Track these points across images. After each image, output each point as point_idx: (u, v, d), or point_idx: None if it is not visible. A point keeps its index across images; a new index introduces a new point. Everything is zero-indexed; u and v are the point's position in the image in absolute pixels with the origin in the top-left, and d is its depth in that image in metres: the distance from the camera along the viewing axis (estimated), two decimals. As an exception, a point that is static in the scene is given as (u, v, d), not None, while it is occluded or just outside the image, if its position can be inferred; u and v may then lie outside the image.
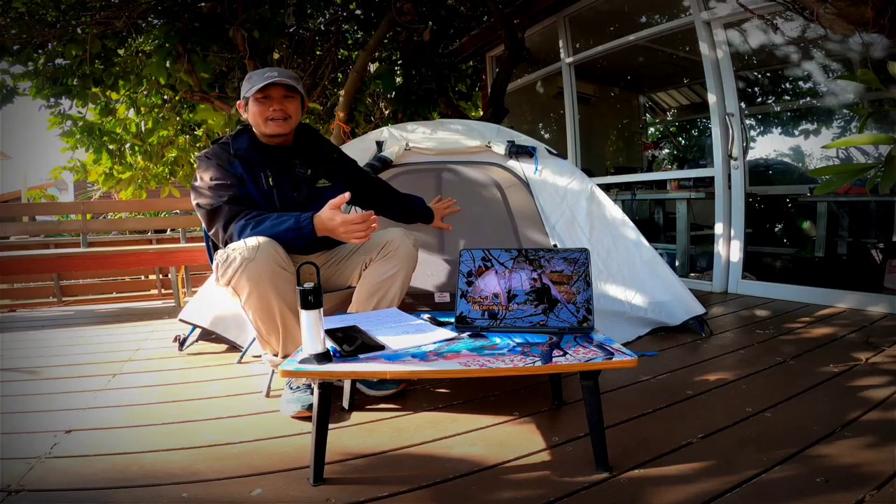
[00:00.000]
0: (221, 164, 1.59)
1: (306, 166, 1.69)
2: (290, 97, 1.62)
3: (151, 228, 5.79)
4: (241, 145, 1.63)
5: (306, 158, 1.70)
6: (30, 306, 4.61)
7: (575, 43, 4.46)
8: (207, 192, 1.55)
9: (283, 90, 1.60)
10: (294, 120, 1.64)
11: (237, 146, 1.63)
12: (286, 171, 1.65)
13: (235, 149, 1.62)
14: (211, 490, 1.11)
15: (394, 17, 3.99)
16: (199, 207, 1.56)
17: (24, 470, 1.20)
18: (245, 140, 1.65)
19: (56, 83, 4.20)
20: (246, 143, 1.64)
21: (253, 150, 1.63)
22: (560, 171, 2.50)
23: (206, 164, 1.60)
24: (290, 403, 1.50)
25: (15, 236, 5.00)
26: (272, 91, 1.59)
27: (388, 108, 5.28)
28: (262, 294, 1.44)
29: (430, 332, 1.31)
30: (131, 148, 5.53)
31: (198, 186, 1.58)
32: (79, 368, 2.08)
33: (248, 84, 1.62)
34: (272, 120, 1.60)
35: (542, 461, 1.22)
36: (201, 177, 1.59)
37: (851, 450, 1.19)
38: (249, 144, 1.64)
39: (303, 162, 1.69)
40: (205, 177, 1.58)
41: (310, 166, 1.69)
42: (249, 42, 3.78)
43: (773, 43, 3.53)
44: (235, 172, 1.59)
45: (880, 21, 1.81)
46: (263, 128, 1.61)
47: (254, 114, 1.61)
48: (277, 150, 1.66)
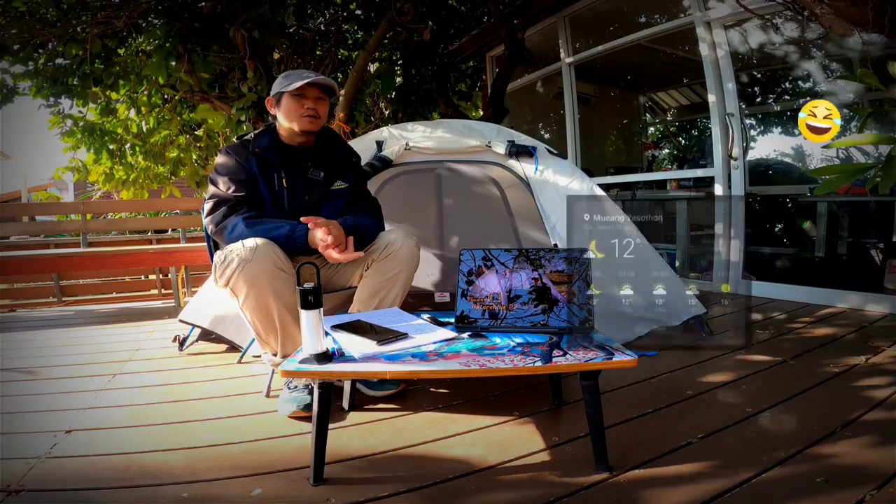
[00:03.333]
0: (239, 161, 1.64)
1: (320, 169, 1.71)
2: (322, 99, 1.68)
3: (151, 228, 5.79)
4: (261, 144, 1.68)
5: (322, 161, 1.73)
6: (30, 306, 4.61)
7: (575, 43, 4.45)
8: (219, 182, 1.62)
9: (318, 91, 1.66)
10: (322, 121, 1.70)
11: (257, 144, 1.68)
12: (301, 173, 1.69)
13: (255, 146, 1.67)
14: (211, 490, 1.11)
15: (394, 17, 3.99)
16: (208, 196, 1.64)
17: (24, 470, 1.20)
18: (266, 139, 1.69)
19: (56, 83, 4.20)
20: (267, 142, 1.68)
21: (272, 150, 1.67)
22: (561, 171, 2.50)
23: (224, 158, 1.67)
24: (287, 403, 1.50)
25: (15, 236, 4.99)
26: (308, 90, 1.64)
27: (388, 108, 5.27)
28: (259, 295, 1.45)
29: (430, 332, 1.31)
30: (132, 148, 5.53)
31: (212, 177, 1.66)
32: (79, 368, 2.08)
33: (284, 80, 1.67)
34: (306, 116, 1.64)
35: (542, 461, 1.22)
36: (217, 168, 1.66)
37: (851, 450, 1.19)
38: (270, 143, 1.68)
39: (317, 165, 1.71)
40: (220, 168, 1.65)
41: (324, 169, 1.72)
42: (249, 42, 3.78)
43: (772, 43, 3.53)
44: (251, 170, 1.64)
45: (880, 21, 1.81)
46: (296, 123, 1.65)
47: (287, 109, 1.65)
48: (296, 151, 1.70)
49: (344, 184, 1.75)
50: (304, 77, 1.63)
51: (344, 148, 1.83)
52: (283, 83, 1.66)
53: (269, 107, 1.71)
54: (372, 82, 4.89)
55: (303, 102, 1.64)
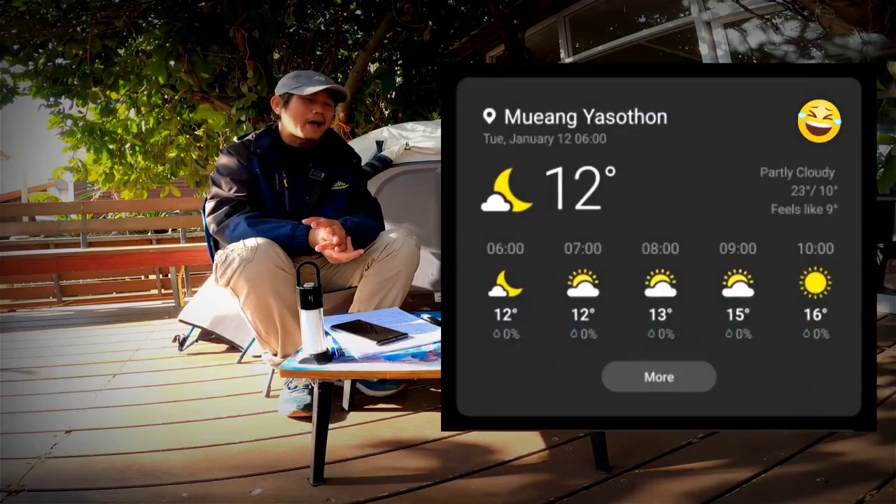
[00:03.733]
0: (240, 161, 1.64)
1: (321, 170, 1.71)
2: (328, 105, 1.67)
3: (151, 228, 5.80)
4: (262, 144, 1.68)
5: (323, 162, 1.73)
6: (30, 306, 4.61)
7: (575, 43, 4.46)
8: (221, 182, 1.62)
9: (327, 97, 1.65)
10: (326, 126, 1.70)
11: (259, 144, 1.67)
12: (302, 173, 1.69)
13: (256, 146, 1.67)
14: (211, 490, 1.11)
15: (394, 17, 3.99)
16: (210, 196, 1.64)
17: (24, 470, 1.20)
18: (268, 139, 1.69)
19: (56, 83, 4.20)
20: (268, 142, 1.68)
21: (273, 150, 1.67)
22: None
23: (226, 158, 1.67)
24: (287, 403, 1.50)
25: (15, 236, 5.00)
26: (318, 95, 1.63)
27: (388, 108, 5.27)
28: (260, 295, 1.45)
29: (430, 331, 1.31)
30: (132, 148, 5.53)
31: (214, 177, 1.67)
32: (79, 368, 2.08)
33: (293, 81, 1.65)
34: (311, 122, 1.63)
35: (542, 461, 1.22)
36: (219, 168, 1.66)
37: (851, 449, 1.19)
38: (271, 144, 1.68)
39: (318, 165, 1.71)
40: (223, 169, 1.65)
41: (325, 170, 1.72)
42: (249, 42, 3.78)
43: (772, 43, 3.53)
44: (252, 170, 1.64)
45: (880, 21, 1.81)
46: (300, 128, 1.64)
47: (295, 112, 1.64)
48: (297, 151, 1.69)
49: (344, 184, 1.75)
50: (317, 82, 1.63)
51: (344, 148, 1.83)
52: (292, 84, 1.64)
53: (275, 105, 1.68)
54: (372, 82, 4.89)
55: (311, 107, 1.63)
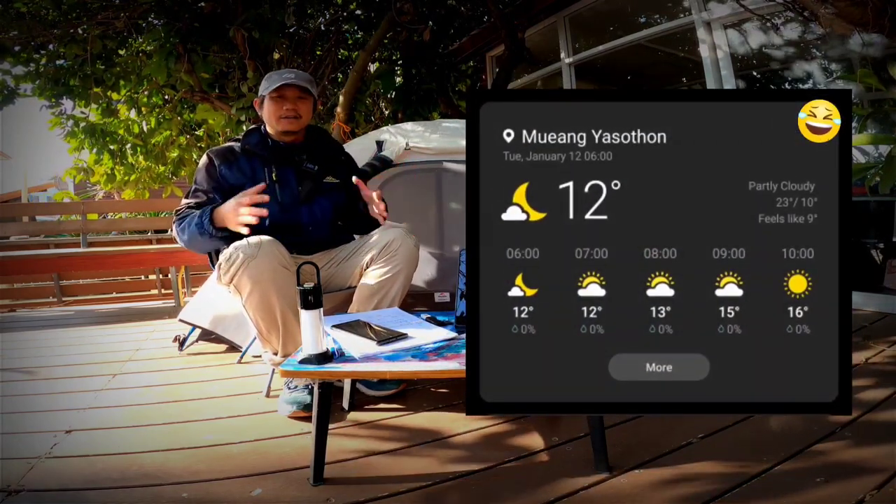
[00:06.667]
0: (211, 170, 1.66)
1: (314, 162, 1.75)
2: (303, 98, 1.70)
3: (152, 228, 5.79)
4: (250, 141, 1.72)
5: (315, 156, 1.77)
6: (30, 306, 4.61)
7: (575, 43, 4.45)
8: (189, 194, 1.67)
9: (297, 91, 1.68)
10: (305, 120, 1.72)
11: (247, 142, 1.72)
12: (292, 166, 1.72)
13: (244, 144, 1.71)
14: (211, 490, 1.12)
15: (394, 17, 3.99)
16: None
17: (24, 470, 1.20)
18: (256, 137, 1.74)
19: (57, 83, 4.21)
20: (256, 139, 1.73)
21: (261, 147, 1.72)
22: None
23: (201, 165, 1.69)
24: (287, 403, 1.50)
25: (15, 236, 5.00)
26: (287, 91, 1.67)
27: (388, 108, 5.27)
28: (263, 292, 1.45)
29: (430, 331, 1.32)
30: (133, 148, 5.53)
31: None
32: (79, 368, 2.08)
33: (266, 83, 1.71)
34: (284, 118, 1.68)
35: (542, 461, 1.22)
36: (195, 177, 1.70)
37: (851, 449, 1.19)
38: (259, 141, 1.73)
39: (311, 158, 1.75)
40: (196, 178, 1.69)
41: (317, 163, 1.76)
42: (249, 42, 3.78)
43: (772, 43, 3.53)
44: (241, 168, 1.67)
45: (880, 21, 1.81)
46: (276, 125, 1.70)
47: (268, 111, 1.70)
48: (286, 147, 1.73)
49: (336, 179, 1.79)
50: (284, 78, 1.67)
51: (334, 145, 1.89)
52: (265, 85, 1.71)
53: (257, 108, 1.76)
54: (372, 82, 4.89)
55: (282, 104, 1.67)
